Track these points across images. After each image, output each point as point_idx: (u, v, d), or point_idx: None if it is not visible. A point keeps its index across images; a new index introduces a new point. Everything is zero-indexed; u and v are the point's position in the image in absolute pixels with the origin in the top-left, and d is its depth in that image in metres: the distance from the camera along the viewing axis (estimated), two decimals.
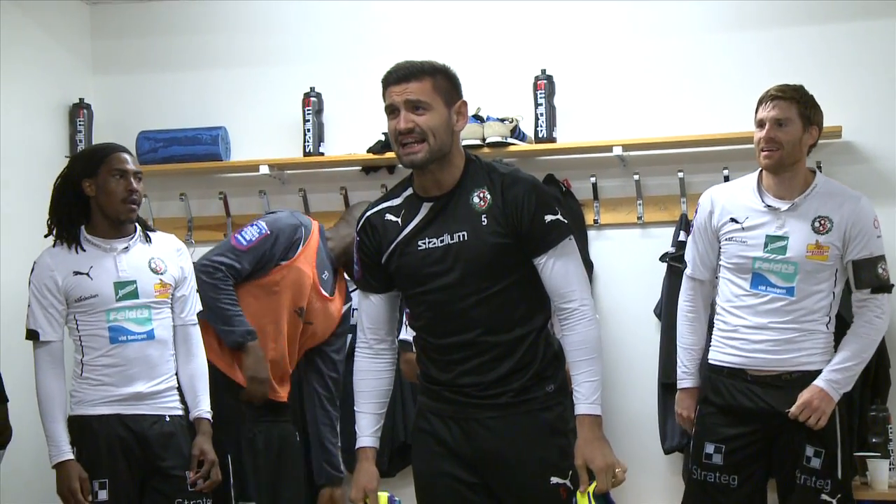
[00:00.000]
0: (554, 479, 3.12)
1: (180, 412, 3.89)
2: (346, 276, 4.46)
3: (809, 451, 3.76)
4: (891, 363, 4.61)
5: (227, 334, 4.11)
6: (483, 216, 3.11)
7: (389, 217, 3.21)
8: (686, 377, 4.03)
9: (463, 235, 3.11)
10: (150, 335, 3.81)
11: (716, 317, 3.97)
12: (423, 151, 3.07)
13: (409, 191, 3.22)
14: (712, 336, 3.96)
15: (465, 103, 3.18)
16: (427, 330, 3.22)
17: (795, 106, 3.84)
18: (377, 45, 5.37)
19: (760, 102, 3.91)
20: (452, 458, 3.17)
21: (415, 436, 3.33)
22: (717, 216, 3.93)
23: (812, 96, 3.89)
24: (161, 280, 3.87)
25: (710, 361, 3.94)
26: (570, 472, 3.11)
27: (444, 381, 3.18)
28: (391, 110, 3.13)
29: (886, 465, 4.44)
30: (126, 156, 3.87)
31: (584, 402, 3.07)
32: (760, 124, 3.88)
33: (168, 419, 3.84)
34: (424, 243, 3.14)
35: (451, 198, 3.15)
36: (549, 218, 3.10)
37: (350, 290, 4.52)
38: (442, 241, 3.12)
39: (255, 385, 4.15)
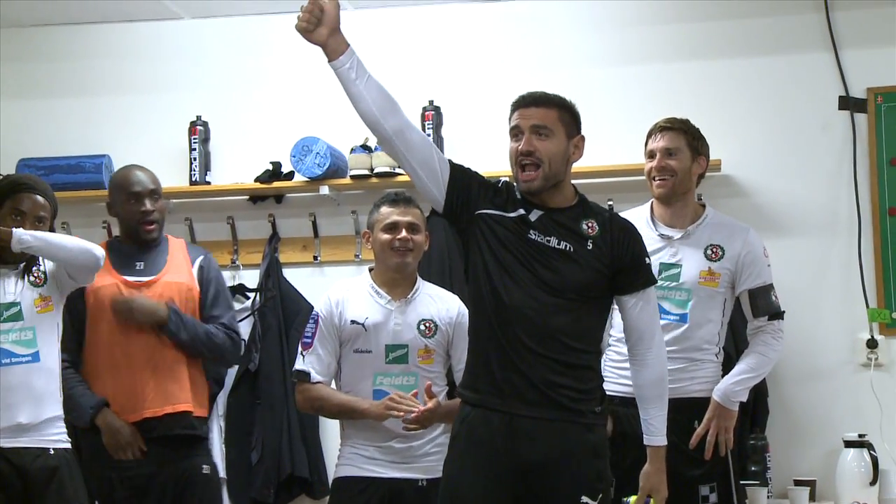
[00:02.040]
0: (584, 499, 3.21)
1: (66, 445, 3.79)
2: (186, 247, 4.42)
3: (704, 490, 3.85)
4: (768, 392, 4.71)
5: (76, 419, 4.03)
6: (589, 241, 3.28)
7: (508, 197, 3.32)
8: None
9: (568, 247, 3.26)
10: (35, 357, 3.73)
11: (608, 348, 4.00)
12: (539, 179, 3.26)
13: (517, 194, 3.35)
14: (605, 367, 3.93)
15: (582, 138, 3.36)
16: (502, 317, 3.23)
17: (684, 136, 3.98)
18: (264, 74, 5.37)
19: (650, 134, 4.04)
20: (490, 463, 3.19)
21: (453, 443, 3.32)
22: None
23: (698, 128, 4.03)
24: (40, 294, 3.79)
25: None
26: (600, 496, 3.23)
27: (503, 379, 3.21)
28: (515, 132, 3.31)
29: (765, 494, 4.53)
30: (37, 197, 3.84)
31: (657, 435, 3.37)
32: (651, 155, 4.00)
33: (52, 452, 3.73)
34: (536, 236, 3.26)
35: (561, 213, 3.31)
36: (647, 261, 3.37)
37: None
38: (548, 242, 3.25)
39: (121, 453, 4.06)
